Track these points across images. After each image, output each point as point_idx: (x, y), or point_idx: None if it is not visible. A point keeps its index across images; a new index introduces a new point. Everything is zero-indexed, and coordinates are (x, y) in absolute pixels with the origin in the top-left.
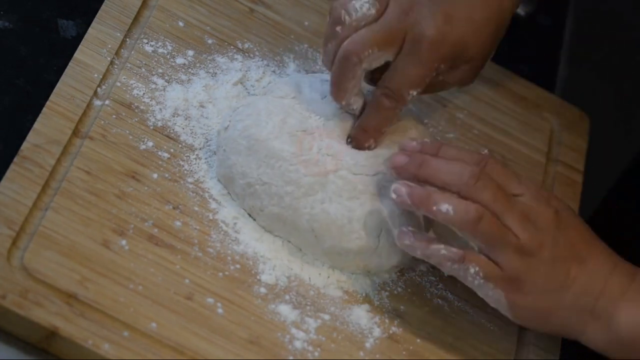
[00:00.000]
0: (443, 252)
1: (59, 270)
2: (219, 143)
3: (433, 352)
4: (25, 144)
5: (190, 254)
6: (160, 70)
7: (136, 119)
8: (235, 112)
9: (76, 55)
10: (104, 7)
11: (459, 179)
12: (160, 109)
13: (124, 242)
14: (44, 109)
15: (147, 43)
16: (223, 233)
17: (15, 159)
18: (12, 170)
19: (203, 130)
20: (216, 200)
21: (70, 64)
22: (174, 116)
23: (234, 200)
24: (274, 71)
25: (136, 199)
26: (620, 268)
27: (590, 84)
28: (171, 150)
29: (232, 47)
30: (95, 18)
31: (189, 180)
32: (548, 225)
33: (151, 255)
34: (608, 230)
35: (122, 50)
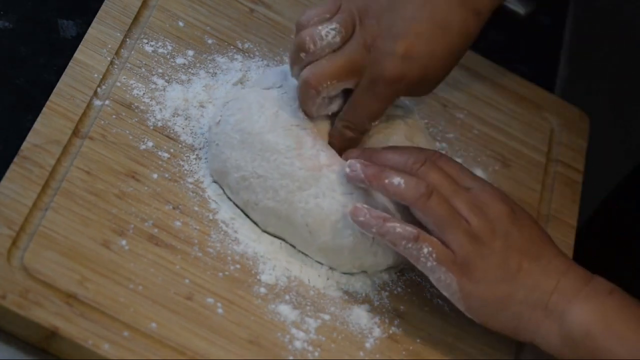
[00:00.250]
0: (398, 230)
1: (59, 270)
2: (211, 138)
3: (433, 352)
4: (25, 144)
5: (190, 254)
6: (160, 70)
7: (136, 119)
8: (225, 107)
9: (76, 55)
10: (104, 7)
11: (405, 162)
12: (160, 109)
13: (124, 242)
14: (44, 109)
15: (147, 43)
16: (223, 233)
17: (15, 159)
18: (12, 170)
19: (203, 130)
20: (216, 201)
21: (70, 64)
22: (174, 116)
23: (230, 201)
24: None
25: (136, 199)
26: (574, 270)
27: (590, 84)
28: (171, 150)
29: (232, 47)
30: (95, 18)
31: (189, 180)
32: (501, 217)
33: (151, 255)
34: (608, 231)
35: (122, 50)
